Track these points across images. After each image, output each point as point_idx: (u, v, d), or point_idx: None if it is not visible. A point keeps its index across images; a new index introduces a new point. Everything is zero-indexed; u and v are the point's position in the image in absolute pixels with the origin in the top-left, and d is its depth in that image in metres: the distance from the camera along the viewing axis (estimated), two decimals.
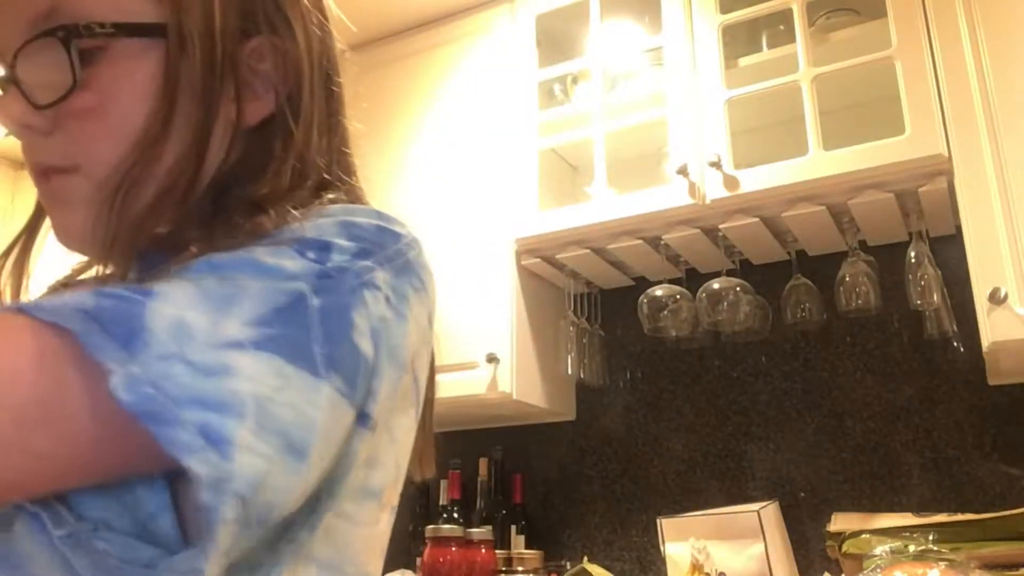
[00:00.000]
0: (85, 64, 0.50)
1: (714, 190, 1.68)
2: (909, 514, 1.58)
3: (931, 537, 1.44)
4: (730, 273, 1.85)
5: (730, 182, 1.67)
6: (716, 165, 1.67)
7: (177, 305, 0.40)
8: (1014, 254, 1.41)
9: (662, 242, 1.85)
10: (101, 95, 0.51)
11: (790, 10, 1.72)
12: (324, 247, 0.46)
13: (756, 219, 1.73)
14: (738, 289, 1.80)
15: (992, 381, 1.68)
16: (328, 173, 0.59)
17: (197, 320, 0.40)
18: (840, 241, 1.79)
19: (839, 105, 1.75)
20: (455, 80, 2.12)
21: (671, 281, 1.90)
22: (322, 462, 0.43)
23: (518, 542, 1.99)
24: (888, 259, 1.77)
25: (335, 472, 0.46)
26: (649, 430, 2.02)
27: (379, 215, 0.52)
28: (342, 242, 0.47)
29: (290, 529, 0.45)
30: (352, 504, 0.49)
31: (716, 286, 1.80)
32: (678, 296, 1.85)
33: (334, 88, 0.61)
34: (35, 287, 0.63)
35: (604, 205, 1.82)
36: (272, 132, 0.56)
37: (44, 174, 0.53)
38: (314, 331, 0.43)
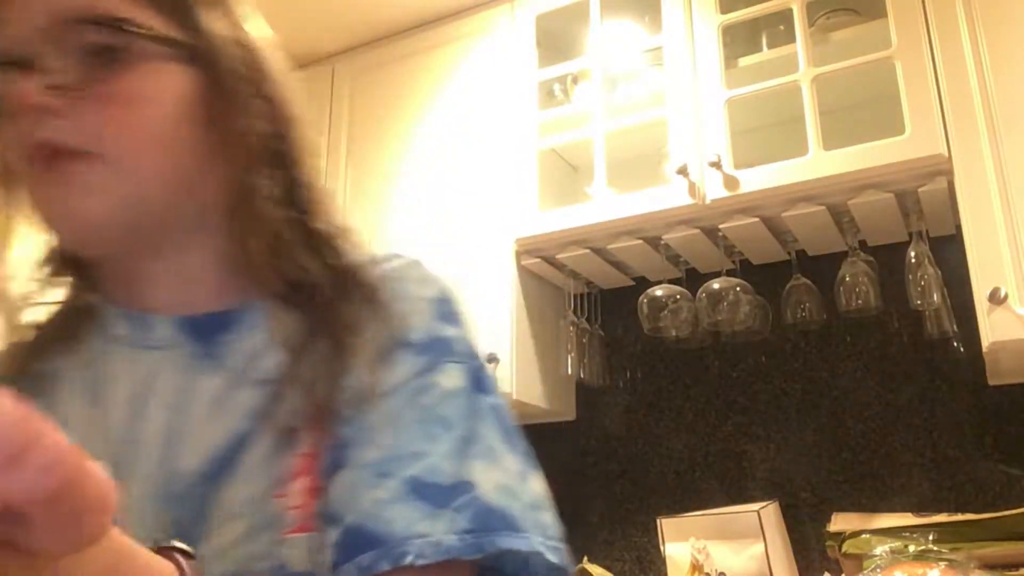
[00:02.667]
0: (115, 60, 0.53)
1: (714, 190, 1.68)
2: (909, 514, 1.58)
3: (931, 537, 1.44)
4: (730, 273, 1.85)
5: (730, 182, 1.67)
6: (716, 165, 1.67)
7: (491, 481, 0.51)
8: (1014, 254, 1.41)
9: (662, 242, 1.85)
10: (133, 88, 0.53)
11: (790, 10, 1.72)
12: (446, 346, 0.56)
13: (756, 219, 1.73)
14: (738, 289, 1.80)
15: (992, 381, 1.68)
16: None
17: (505, 480, 0.52)
18: (840, 241, 1.79)
19: (839, 105, 1.75)
20: (455, 80, 2.12)
21: (671, 281, 1.90)
22: None
23: None
24: (888, 259, 1.77)
25: None
26: (649, 430, 2.02)
27: (424, 267, 0.62)
28: (450, 330, 0.57)
29: None
30: None
31: (716, 286, 1.80)
32: (678, 296, 1.85)
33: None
34: None
35: (604, 205, 1.82)
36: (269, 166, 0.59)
37: (47, 156, 0.52)
38: (510, 428, 0.57)
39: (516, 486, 0.52)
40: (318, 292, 0.56)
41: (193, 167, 0.56)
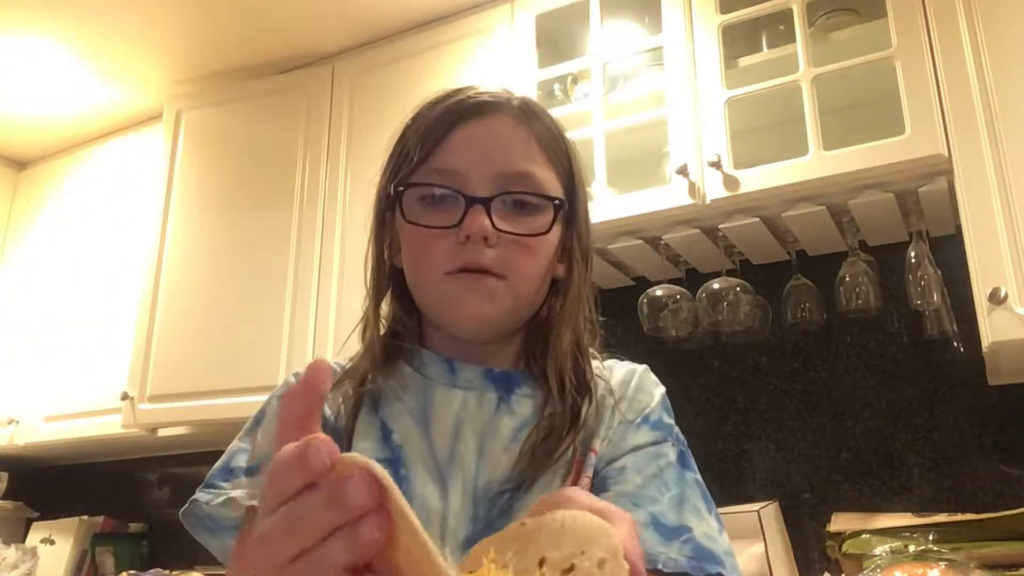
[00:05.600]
0: (529, 213, 0.77)
1: (714, 190, 1.68)
2: (909, 514, 1.58)
3: (931, 537, 1.44)
4: (730, 273, 1.85)
5: (730, 182, 1.67)
6: (716, 165, 1.67)
7: (700, 530, 0.71)
8: (1014, 254, 1.41)
9: (662, 242, 1.85)
10: (536, 240, 0.76)
11: (790, 10, 1.72)
12: (669, 430, 0.80)
13: (756, 219, 1.73)
14: (738, 289, 1.80)
15: (992, 381, 1.68)
16: None
17: (709, 532, 0.71)
18: (840, 241, 1.79)
19: (839, 105, 1.75)
20: (455, 80, 2.12)
21: (671, 281, 1.89)
22: None
23: None
24: (888, 259, 1.77)
25: None
26: None
27: (652, 373, 0.88)
28: (670, 420, 0.82)
29: None
30: None
31: (716, 286, 1.80)
32: (678, 296, 1.85)
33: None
34: None
35: (604, 205, 1.81)
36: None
37: (474, 271, 0.74)
38: (708, 496, 0.76)
39: (717, 538, 0.70)
40: (575, 374, 0.79)
41: (541, 291, 0.80)
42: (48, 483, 2.91)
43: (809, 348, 1.89)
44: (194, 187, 2.45)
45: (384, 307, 0.83)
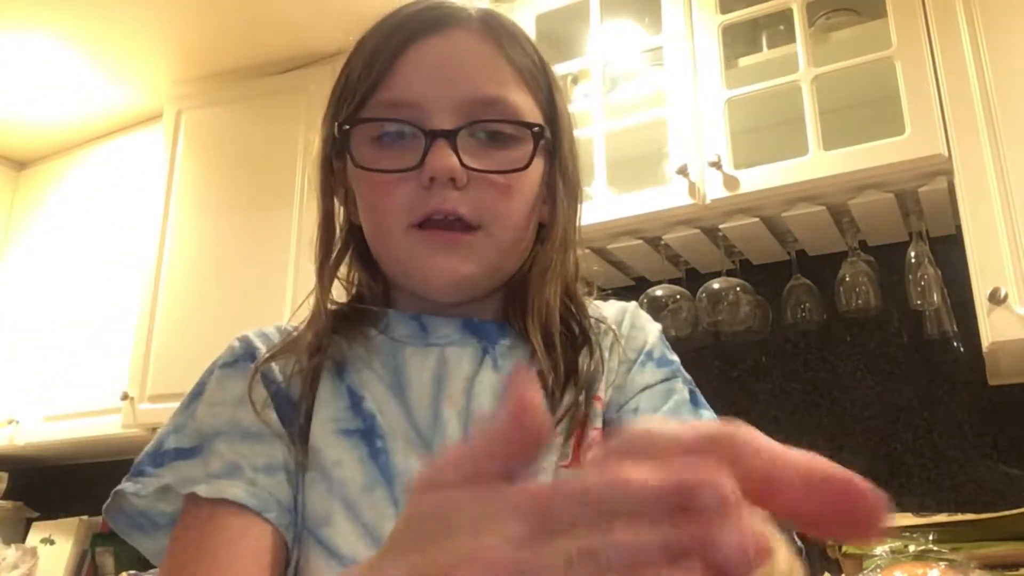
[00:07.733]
0: (505, 146, 0.65)
1: (714, 190, 1.68)
2: (909, 514, 1.58)
3: (931, 537, 1.44)
4: (730, 273, 1.85)
5: (730, 182, 1.67)
6: (716, 165, 1.67)
7: None
8: (1014, 254, 1.41)
9: (662, 242, 1.85)
10: (514, 178, 0.65)
11: (790, 10, 1.72)
12: (675, 367, 0.71)
13: (756, 219, 1.73)
14: (738, 289, 1.80)
15: (992, 381, 1.68)
16: None
17: None
18: (840, 241, 1.79)
19: (839, 105, 1.74)
20: None
21: (671, 281, 1.89)
22: None
23: None
24: (888, 259, 1.77)
25: None
26: None
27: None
28: (673, 357, 0.72)
29: None
30: None
31: (716, 286, 1.80)
32: (678, 296, 1.85)
33: None
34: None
35: (604, 205, 1.81)
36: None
37: (441, 222, 0.63)
38: None
39: None
40: (566, 326, 0.69)
41: (527, 239, 0.68)
42: (48, 483, 2.91)
43: (809, 348, 1.89)
44: (194, 187, 2.44)
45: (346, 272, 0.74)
